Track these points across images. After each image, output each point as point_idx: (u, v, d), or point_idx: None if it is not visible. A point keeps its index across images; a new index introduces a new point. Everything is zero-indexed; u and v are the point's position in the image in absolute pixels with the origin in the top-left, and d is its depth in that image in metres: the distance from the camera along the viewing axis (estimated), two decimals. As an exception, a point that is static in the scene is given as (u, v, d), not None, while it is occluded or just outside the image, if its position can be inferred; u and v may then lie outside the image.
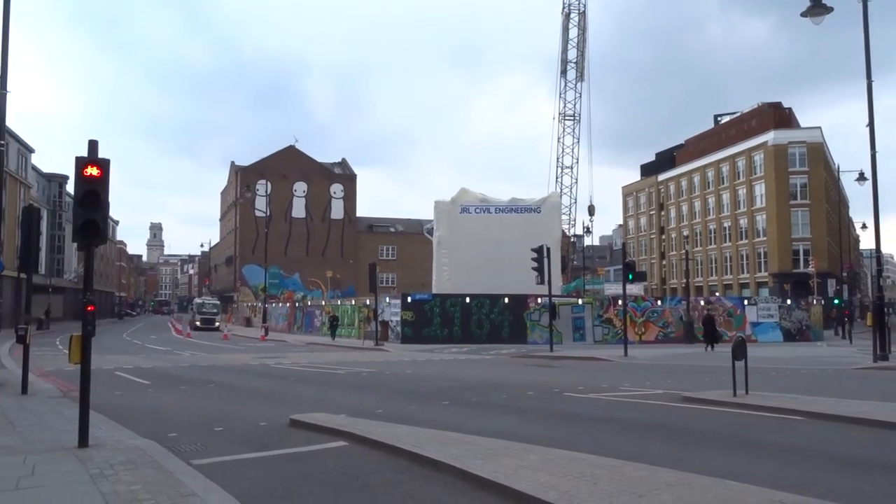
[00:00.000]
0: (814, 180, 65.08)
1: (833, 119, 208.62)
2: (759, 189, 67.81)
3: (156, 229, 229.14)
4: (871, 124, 21.64)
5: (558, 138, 55.48)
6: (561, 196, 51.78)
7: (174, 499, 5.68)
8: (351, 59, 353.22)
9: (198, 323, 58.26)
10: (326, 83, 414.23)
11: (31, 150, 62.35)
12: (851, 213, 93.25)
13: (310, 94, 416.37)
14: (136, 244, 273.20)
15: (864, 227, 55.98)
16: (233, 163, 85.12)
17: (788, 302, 43.01)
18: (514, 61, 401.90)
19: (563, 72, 55.77)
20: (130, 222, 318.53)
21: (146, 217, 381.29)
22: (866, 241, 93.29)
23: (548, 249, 28.98)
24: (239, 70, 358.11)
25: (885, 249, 26.87)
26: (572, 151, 55.53)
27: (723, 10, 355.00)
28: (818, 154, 65.63)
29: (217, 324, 58.50)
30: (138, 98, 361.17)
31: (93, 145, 8.17)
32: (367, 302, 38.89)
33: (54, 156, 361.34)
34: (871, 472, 7.01)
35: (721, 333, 33.78)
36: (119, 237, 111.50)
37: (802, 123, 73.56)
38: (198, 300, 72.46)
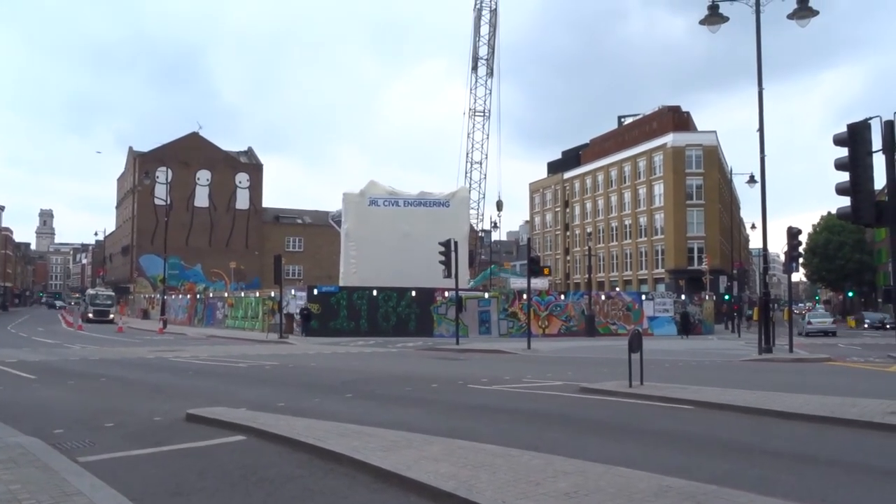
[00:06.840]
0: (708, 181, 68.37)
1: (741, 117, 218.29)
2: (659, 189, 70.64)
3: (46, 216, 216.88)
4: (761, 129, 22.86)
5: (468, 134, 56.16)
6: (470, 191, 52.35)
7: (57, 498, 5.39)
8: (262, 35, 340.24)
9: (90, 315, 55.51)
10: (235, 61, 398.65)
11: None
12: (742, 214, 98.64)
13: (216, 73, 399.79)
14: (24, 231, 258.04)
15: (753, 227, 59.54)
16: (131, 148, 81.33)
17: (683, 297, 45.05)
18: (435, 44, 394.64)
19: (475, 68, 56.43)
20: (18, 208, 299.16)
21: (35, 203, 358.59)
22: (755, 241, 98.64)
23: (455, 243, 29.17)
24: (139, 41, 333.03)
25: (771, 249, 28.60)
26: (482, 147, 56.37)
27: (644, 4, 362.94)
28: (713, 156, 68.97)
29: (111, 316, 55.97)
30: (24, 69, 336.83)
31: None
32: (272, 294, 38.12)
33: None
34: (751, 457, 7.42)
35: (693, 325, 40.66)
36: (5, 223, 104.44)
37: (710, 123, 77.51)
38: (91, 291, 68.89)
